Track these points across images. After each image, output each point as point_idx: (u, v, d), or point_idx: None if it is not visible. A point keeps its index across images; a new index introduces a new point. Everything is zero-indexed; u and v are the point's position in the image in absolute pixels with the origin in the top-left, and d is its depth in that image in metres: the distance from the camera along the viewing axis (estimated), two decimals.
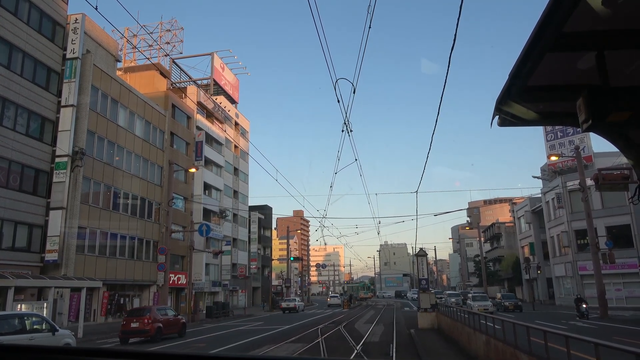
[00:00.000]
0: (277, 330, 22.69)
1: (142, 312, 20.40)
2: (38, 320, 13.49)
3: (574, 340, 6.70)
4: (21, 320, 12.88)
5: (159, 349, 15.51)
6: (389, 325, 23.88)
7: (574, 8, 2.56)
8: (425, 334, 19.11)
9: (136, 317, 19.81)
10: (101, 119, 31.47)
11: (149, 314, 19.85)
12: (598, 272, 27.74)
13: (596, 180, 15.65)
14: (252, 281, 60.94)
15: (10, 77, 25.50)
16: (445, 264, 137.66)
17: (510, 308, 34.58)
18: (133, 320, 19.57)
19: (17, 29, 26.14)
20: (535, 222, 50.51)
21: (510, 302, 35.94)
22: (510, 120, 3.69)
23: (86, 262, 28.78)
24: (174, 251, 37.67)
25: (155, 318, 19.83)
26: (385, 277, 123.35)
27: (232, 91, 60.19)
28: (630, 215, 35.92)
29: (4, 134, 24.83)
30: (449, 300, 37.59)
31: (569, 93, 3.41)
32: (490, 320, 11.74)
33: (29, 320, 13.11)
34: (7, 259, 24.24)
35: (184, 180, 42.82)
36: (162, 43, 51.92)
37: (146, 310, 20.62)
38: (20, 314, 14.08)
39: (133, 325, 19.29)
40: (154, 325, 19.41)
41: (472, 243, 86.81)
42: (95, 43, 32.62)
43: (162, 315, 20.67)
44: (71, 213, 27.80)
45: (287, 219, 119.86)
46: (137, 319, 19.52)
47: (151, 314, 19.92)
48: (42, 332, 13.12)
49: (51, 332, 13.39)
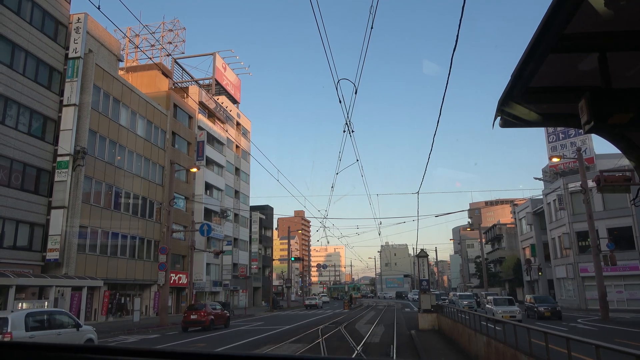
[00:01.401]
0: (278, 331, 22.69)
1: (199, 307, 24.99)
2: (64, 317, 14.55)
3: (575, 342, 6.69)
4: (50, 317, 13.93)
5: (166, 346, 15.49)
6: (389, 326, 23.86)
7: (577, 9, 2.56)
8: (426, 334, 19.10)
9: (195, 310, 24.39)
10: (103, 118, 31.52)
11: (204, 309, 24.45)
12: (599, 274, 27.67)
13: (598, 182, 15.62)
14: (253, 281, 60.94)
15: (13, 76, 25.54)
16: (446, 265, 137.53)
17: (546, 315, 27.11)
18: (192, 313, 24.06)
19: (20, 28, 26.19)
20: (536, 223, 50.45)
21: (547, 307, 27.91)
22: (512, 121, 3.69)
23: (87, 262, 28.82)
24: (175, 251, 37.70)
25: (209, 312, 24.31)
26: (386, 278, 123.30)
27: (233, 91, 60.23)
28: (631, 217, 35.87)
29: (6, 133, 24.87)
30: (460, 303, 32.50)
31: (571, 94, 3.41)
32: (492, 322, 11.73)
33: (56, 317, 14.19)
34: (8, 258, 24.28)
35: (185, 180, 42.84)
36: (164, 43, 51.99)
37: (202, 305, 25.36)
38: (48, 312, 14.95)
39: (192, 317, 23.75)
40: (208, 317, 23.94)
41: (473, 244, 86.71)
42: (97, 42, 32.67)
43: (213, 309, 25.22)
44: (72, 212, 27.84)
45: (288, 219, 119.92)
46: (196, 312, 24.07)
47: (206, 308, 24.61)
48: (68, 328, 14.16)
49: (76, 327, 14.46)
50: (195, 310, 24.39)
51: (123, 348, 1.62)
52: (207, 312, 24.31)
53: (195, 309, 24.62)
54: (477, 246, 70.91)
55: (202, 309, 24.48)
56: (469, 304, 32.83)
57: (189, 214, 42.38)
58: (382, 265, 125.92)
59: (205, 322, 23.71)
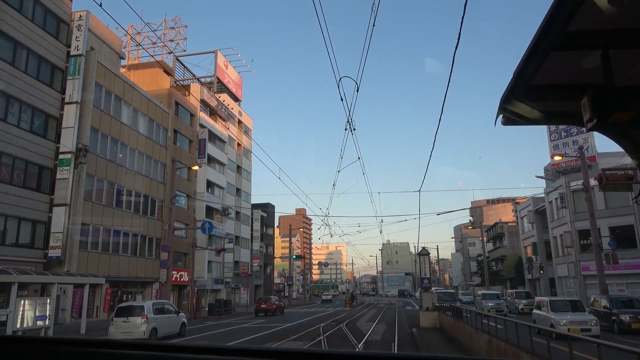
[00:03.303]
0: (279, 328, 22.73)
1: (266, 299, 37.05)
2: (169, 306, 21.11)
3: (577, 340, 6.69)
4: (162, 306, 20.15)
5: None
6: (390, 324, 23.88)
7: (580, 6, 2.55)
8: (427, 333, 19.11)
9: (264, 302, 36.18)
10: (105, 116, 31.53)
11: (270, 300, 36.32)
12: (601, 273, 27.62)
13: (600, 181, 15.59)
14: (255, 279, 61.00)
15: (15, 74, 25.57)
16: (447, 263, 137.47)
17: None
18: (262, 303, 35.85)
19: (22, 25, 26.20)
20: (538, 222, 50.37)
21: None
22: (514, 119, 3.68)
23: (89, 259, 28.87)
24: (176, 248, 37.74)
25: (273, 303, 35.97)
26: (387, 276, 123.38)
27: (235, 89, 60.20)
28: (633, 215, 35.81)
29: (8, 131, 24.91)
30: (484, 305, 26.26)
31: (573, 92, 3.40)
32: (492, 319, 11.73)
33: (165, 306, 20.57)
34: (10, 255, 24.34)
35: (186, 177, 42.87)
36: (166, 41, 51.98)
37: (268, 298, 37.73)
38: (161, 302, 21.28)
39: (262, 306, 35.32)
40: (272, 307, 35.15)
41: (475, 242, 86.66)
42: (99, 40, 32.67)
43: (275, 301, 36.83)
44: (74, 210, 27.88)
45: (290, 217, 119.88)
46: (265, 303, 35.86)
47: (271, 300, 36.40)
48: (172, 314, 20.37)
49: (176, 313, 20.85)
50: (264, 302, 36.16)
51: (130, 342, 1.64)
52: (272, 303, 35.76)
53: (264, 301, 36.39)
54: (479, 244, 70.88)
55: (269, 301, 36.16)
56: (496, 306, 26.17)
57: (191, 212, 42.40)
58: (384, 263, 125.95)
59: (271, 310, 34.98)
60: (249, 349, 1.42)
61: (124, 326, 17.77)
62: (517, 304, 31.89)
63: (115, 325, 17.95)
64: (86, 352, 1.59)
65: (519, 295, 34.05)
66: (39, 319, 18.89)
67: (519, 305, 31.31)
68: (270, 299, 36.74)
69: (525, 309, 29.62)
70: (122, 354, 1.55)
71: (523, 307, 30.48)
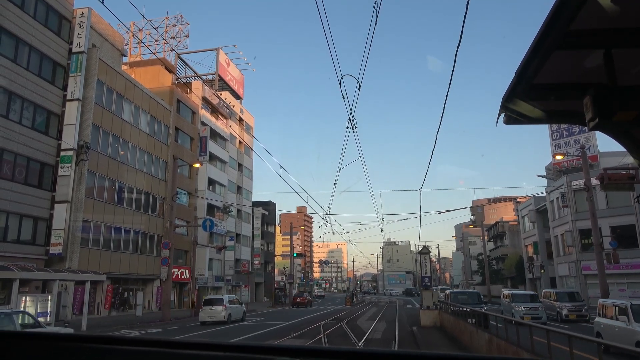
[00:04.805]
0: (280, 326, 22.76)
1: (301, 295, 48.44)
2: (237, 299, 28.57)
3: (577, 340, 6.69)
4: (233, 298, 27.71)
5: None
6: (391, 323, 23.90)
7: (582, 6, 2.55)
8: (428, 331, 19.13)
9: (299, 297, 46.44)
10: (106, 113, 31.55)
11: (303, 296, 47.64)
12: (602, 272, 27.59)
13: (601, 180, 15.58)
14: (255, 277, 61.07)
15: (17, 71, 25.59)
16: (448, 262, 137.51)
17: None
18: (297, 298, 46.20)
19: (24, 22, 26.20)
20: (539, 221, 50.33)
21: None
22: (516, 118, 3.68)
23: (90, 256, 28.93)
24: (177, 246, 37.76)
25: (306, 297, 47.23)
26: (388, 275, 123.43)
27: (237, 87, 60.18)
28: (635, 215, 35.77)
29: (10, 127, 24.94)
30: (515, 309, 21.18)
31: (575, 91, 3.40)
32: (493, 319, 11.74)
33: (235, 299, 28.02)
34: (12, 252, 24.39)
35: (188, 175, 42.90)
36: (168, 38, 51.98)
37: (302, 294, 50.08)
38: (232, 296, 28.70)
39: (298, 300, 45.40)
40: (305, 301, 45.45)
41: (476, 241, 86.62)
42: (101, 37, 32.67)
43: (307, 296, 49.67)
44: (76, 207, 27.92)
45: (291, 215, 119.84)
46: (299, 298, 46.08)
47: (304, 296, 47.68)
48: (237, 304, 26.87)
49: (240, 304, 27.69)
50: (299, 297, 46.40)
51: (132, 339, 1.65)
52: (305, 297, 46.62)
53: (299, 296, 46.90)
54: (480, 243, 70.86)
55: (303, 296, 47.05)
56: (533, 311, 20.87)
57: (192, 210, 42.45)
58: (384, 262, 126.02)
59: (305, 303, 44.83)
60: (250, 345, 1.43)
61: (210, 312, 24.50)
62: (558, 307, 24.24)
63: (204, 311, 24.75)
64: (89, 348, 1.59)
65: (561, 296, 25.13)
66: (40, 316, 18.95)
67: (562, 310, 23.88)
68: (303, 295, 48.45)
69: (571, 316, 23.48)
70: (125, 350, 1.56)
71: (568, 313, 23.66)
